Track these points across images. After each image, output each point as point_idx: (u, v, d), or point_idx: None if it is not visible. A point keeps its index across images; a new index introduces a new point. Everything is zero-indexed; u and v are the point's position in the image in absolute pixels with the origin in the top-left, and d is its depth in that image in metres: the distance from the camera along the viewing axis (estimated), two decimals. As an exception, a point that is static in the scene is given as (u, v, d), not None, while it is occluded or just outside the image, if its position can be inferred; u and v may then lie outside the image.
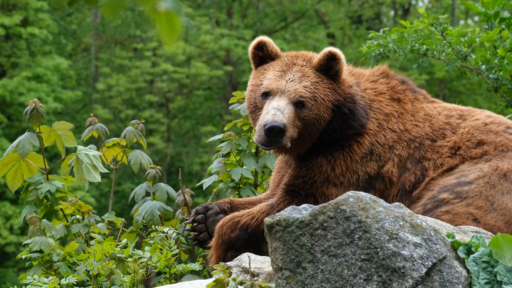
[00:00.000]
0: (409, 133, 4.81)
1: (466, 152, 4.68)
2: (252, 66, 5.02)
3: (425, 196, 4.60)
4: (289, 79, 4.78)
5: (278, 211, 4.66)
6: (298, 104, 4.72)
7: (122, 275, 4.80)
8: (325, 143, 4.81)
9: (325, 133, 4.78)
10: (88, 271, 4.85)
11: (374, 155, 4.78)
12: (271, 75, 4.84)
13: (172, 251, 4.78)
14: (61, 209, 5.51)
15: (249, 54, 5.00)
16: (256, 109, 4.84)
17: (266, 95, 4.80)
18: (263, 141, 4.64)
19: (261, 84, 4.84)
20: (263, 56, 4.97)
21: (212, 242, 4.81)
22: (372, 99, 4.90)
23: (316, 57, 4.87)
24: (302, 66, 4.83)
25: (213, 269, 4.73)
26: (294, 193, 4.78)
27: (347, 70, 4.99)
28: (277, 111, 4.64)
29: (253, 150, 5.90)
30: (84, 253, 5.18)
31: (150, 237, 5.04)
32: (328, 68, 4.82)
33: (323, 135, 4.79)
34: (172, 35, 2.24)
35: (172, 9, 2.24)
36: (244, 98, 5.88)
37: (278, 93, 4.75)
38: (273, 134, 4.59)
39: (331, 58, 4.81)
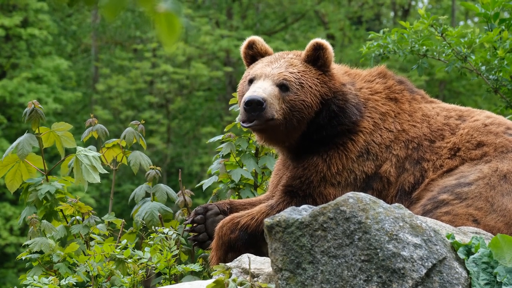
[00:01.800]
0: (406, 133, 4.80)
1: (466, 153, 4.66)
2: (245, 66, 5.07)
3: (425, 197, 4.59)
4: (275, 66, 4.82)
5: (278, 211, 4.65)
6: (282, 87, 4.73)
7: (122, 276, 4.80)
8: (318, 141, 4.79)
9: (312, 126, 4.76)
10: (88, 272, 4.85)
11: (370, 154, 4.76)
12: (259, 65, 4.90)
13: (172, 252, 4.78)
14: (61, 210, 5.51)
15: (241, 54, 5.08)
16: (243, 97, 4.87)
17: (251, 81, 4.84)
18: (243, 117, 4.64)
19: (248, 75, 4.89)
20: (253, 55, 5.04)
21: (213, 244, 4.81)
22: (367, 98, 4.89)
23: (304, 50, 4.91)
24: (291, 59, 4.88)
25: (213, 270, 4.74)
26: (293, 193, 4.77)
27: (342, 70, 5.00)
28: (257, 89, 4.67)
29: (253, 151, 5.90)
30: (84, 254, 5.18)
31: (150, 238, 5.03)
32: (316, 59, 4.85)
33: (311, 131, 4.77)
34: (171, 36, 2.24)
35: (172, 10, 2.24)
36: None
37: (262, 77, 4.79)
38: (252, 108, 4.59)
39: (318, 48, 4.84)
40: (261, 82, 4.73)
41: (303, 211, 3.52)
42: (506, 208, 4.40)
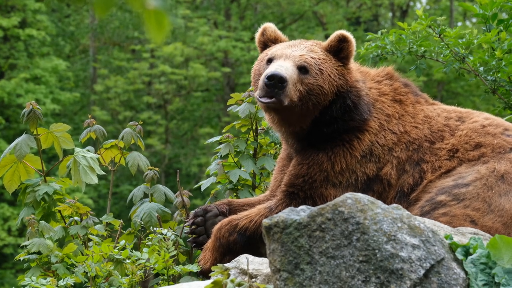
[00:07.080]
0: (408, 135, 4.81)
1: (464, 154, 4.67)
2: (259, 53, 5.07)
3: (423, 198, 4.59)
4: (296, 49, 4.80)
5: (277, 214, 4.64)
6: (302, 69, 4.70)
7: (120, 276, 4.80)
8: (326, 136, 4.78)
9: (325, 115, 4.75)
10: (86, 272, 4.85)
11: (373, 155, 4.76)
12: (277, 47, 4.88)
13: (170, 252, 4.77)
14: (59, 211, 5.50)
15: (256, 41, 5.07)
16: (260, 76, 4.82)
17: (270, 60, 4.80)
18: (263, 92, 4.59)
19: (266, 56, 4.87)
20: (264, 41, 5.03)
21: (209, 244, 4.80)
22: (375, 99, 4.91)
23: (327, 40, 4.91)
24: (311, 45, 4.87)
25: (202, 268, 4.74)
26: (293, 195, 4.75)
27: (355, 67, 5.00)
28: (279, 67, 4.62)
29: (251, 152, 5.90)
30: (82, 254, 5.18)
31: (148, 238, 5.03)
32: (339, 50, 4.84)
33: (323, 121, 4.76)
34: (160, 32, 2.28)
35: (161, 7, 2.28)
36: (242, 100, 5.89)
37: (282, 57, 4.76)
38: (273, 84, 4.54)
39: (342, 40, 4.84)
40: (282, 62, 4.69)
41: (301, 212, 3.52)
42: (504, 208, 4.40)
